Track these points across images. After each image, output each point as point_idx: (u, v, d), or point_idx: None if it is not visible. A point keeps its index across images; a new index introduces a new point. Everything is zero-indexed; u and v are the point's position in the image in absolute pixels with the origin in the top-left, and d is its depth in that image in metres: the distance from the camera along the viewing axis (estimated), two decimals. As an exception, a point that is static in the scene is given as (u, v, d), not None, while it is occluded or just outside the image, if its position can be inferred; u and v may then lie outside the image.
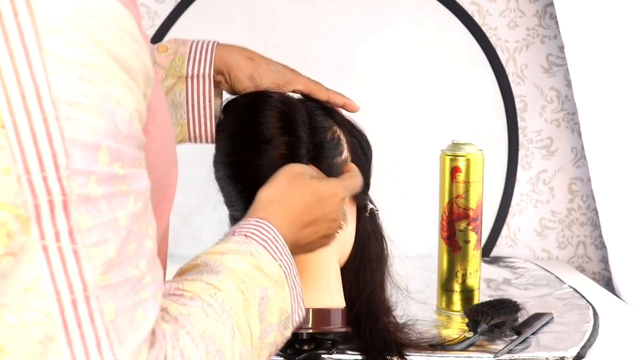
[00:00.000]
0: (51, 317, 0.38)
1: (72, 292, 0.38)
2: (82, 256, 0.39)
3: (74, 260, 0.38)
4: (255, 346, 0.52)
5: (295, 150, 0.71)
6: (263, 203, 0.61)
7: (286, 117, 0.73)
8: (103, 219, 0.39)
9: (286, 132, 0.72)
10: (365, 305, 0.79)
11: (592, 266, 1.32)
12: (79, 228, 0.38)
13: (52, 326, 0.38)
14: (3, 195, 0.36)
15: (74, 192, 0.38)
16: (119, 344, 0.40)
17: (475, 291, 0.97)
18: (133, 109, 0.41)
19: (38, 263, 0.38)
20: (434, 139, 1.13)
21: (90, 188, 0.38)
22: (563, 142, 1.30)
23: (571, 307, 0.98)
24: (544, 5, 1.27)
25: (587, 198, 1.30)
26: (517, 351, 0.82)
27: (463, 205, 0.94)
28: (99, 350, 0.39)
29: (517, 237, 1.32)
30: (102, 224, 0.39)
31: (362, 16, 1.28)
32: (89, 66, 0.38)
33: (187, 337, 0.46)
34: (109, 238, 0.40)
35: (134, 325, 0.41)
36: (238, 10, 1.28)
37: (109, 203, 0.39)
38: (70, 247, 0.38)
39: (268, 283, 0.54)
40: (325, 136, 0.74)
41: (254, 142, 0.71)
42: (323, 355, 0.78)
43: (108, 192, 0.39)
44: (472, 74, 1.28)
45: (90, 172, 0.38)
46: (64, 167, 0.37)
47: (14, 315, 0.38)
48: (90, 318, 0.39)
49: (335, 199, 0.64)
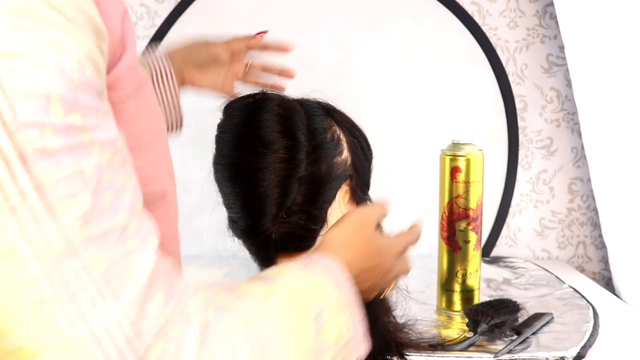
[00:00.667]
0: (35, 280, 0.36)
1: (53, 251, 0.36)
2: (56, 211, 0.36)
3: (48, 216, 0.36)
4: (308, 353, 0.49)
5: (294, 155, 0.71)
6: (331, 243, 0.62)
7: (285, 120, 0.73)
8: (68, 172, 0.37)
9: (285, 136, 0.72)
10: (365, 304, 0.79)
11: (592, 266, 1.32)
12: (45, 183, 0.36)
13: (38, 290, 0.36)
14: None
15: (29, 147, 0.36)
16: (114, 297, 0.38)
17: (475, 291, 0.97)
18: (82, 55, 0.39)
19: (8, 227, 0.36)
20: (434, 139, 1.13)
21: (46, 141, 0.36)
22: (563, 142, 1.30)
23: (571, 307, 0.98)
24: (544, 5, 1.27)
25: (587, 198, 1.30)
26: (517, 351, 0.82)
27: (463, 205, 0.94)
28: (94, 307, 0.37)
29: (517, 237, 1.32)
30: (68, 176, 0.37)
31: (362, 16, 1.28)
32: (18, 12, 0.36)
33: (228, 322, 0.43)
34: (78, 190, 0.37)
35: (127, 276, 0.39)
36: (238, 10, 1.28)
37: (72, 155, 0.37)
38: (40, 203, 0.36)
39: (326, 304, 0.52)
40: (325, 137, 0.74)
41: (252, 146, 0.71)
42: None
43: (68, 144, 0.37)
44: (472, 74, 1.28)
45: (43, 124, 0.36)
46: (11, 121, 0.35)
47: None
48: (76, 275, 0.37)
49: (390, 254, 0.66)
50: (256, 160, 0.71)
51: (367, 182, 0.80)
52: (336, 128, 0.76)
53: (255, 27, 1.28)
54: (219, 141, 0.76)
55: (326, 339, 0.50)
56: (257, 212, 0.71)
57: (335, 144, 0.74)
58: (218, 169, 0.75)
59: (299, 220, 0.72)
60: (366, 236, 0.64)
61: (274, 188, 0.70)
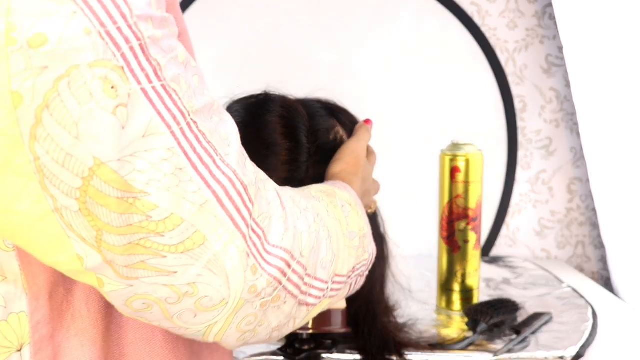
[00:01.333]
0: (173, 150, 0.42)
1: (178, 123, 0.42)
2: (170, 91, 0.42)
3: (167, 95, 0.42)
4: (346, 235, 0.58)
5: (296, 157, 0.72)
6: (340, 173, 0.70)
7: (287, 121, 0.73)
8: (169, 57, 0.43)
9: (287, 138, 0.72)
10: (364, 304, 0.80)
11: (591, 266, 1.32)
12: (160, 66, 0.42)
13: (177, 157, 0.42)
14: (94, 54, 0.39)
15: (145, 36, 0.41)
16: (225, 156, 0.45)
17: (474, 291, 0.97)
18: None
19: (145, 106, 0.41)
20: (434, 139, 1.13)
21: (153, 31, 0.41)
22: (562, 142, 1.30)
23: (570, 307, 0.99)
24: (543, 6, 1.28)
25: (586, 198, 1.31)
26: (516, 351, 0.82)
27: (463, 205, 0.94)
28: (217, 166, 0.44)
29: (516, 237, 1.32)
30: (170, 60, 0.43)
31: (362, 16, 1.28)
32: None
33: (289, 193, 0.53)
34: (179, 72, 0.43)
35: (225, 141, 0.46)
36: (238, 10, 1.28)
37: (169, 42, 0.43)
38: (159, 84, 0.41)
39: (344, 200, 0.61)
40: (328, 138, 0.74)
41: (254, 148, 0.72)
42: (323, 355, 0.79)
43: (164, 33, 0.43)
44: (472, 75, 1.29)
45: (148, 16, 0.41)
46: (130, 15, 0.40)
47: (144, 160, 0.41)
48: (198, 141, 0.43)
49: (370, 175, 0.77)
50: (258, 162, 0.71)
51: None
52: (339, 128, 0.76)
53: (255, 27, 1.29)
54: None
55: (352, 227, 0.59)
56: None
57: (338, 144, 0.74)
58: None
59: None
60: (360, 163, 0.73)
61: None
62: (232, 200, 0.45)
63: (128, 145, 0.40)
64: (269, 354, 0.80)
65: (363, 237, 0.61)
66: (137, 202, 0.41)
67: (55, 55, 0.38)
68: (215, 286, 0.45)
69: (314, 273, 0.53)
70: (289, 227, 0.50)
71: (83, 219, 0.41)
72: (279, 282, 0.49)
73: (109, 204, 0.41)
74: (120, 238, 0.42)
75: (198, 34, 1.28)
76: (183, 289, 0.44)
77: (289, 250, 0.49)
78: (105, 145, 0.39)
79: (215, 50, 1.28)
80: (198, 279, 0.44)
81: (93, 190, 0.40)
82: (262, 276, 0.47)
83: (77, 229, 0.41)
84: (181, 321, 0.47)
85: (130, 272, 0.43)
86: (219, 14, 1.28)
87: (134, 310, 0.46)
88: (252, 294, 0.47)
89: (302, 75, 1.27)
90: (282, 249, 0.49)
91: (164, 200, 0.42)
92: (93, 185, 0.40)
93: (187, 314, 0.46)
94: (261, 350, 0.82)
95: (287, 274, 0.49)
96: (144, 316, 0.46)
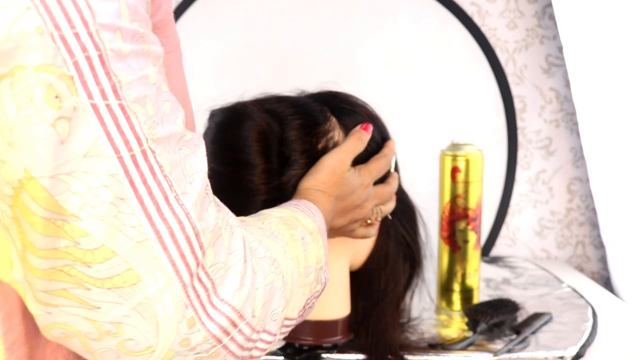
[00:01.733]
0: (117, 177, 0.38)
1: (130, 149, 0.39)
2: (129, 112, 0.38)
3: (124, 116, 0.38)
4: (302, 274, 0.54)
5: (269, 177, 0.70)
6: (307, 190, 0.66)
7: (258, 140, 0.70)
8: (137, 75, 0.39)
9: (264, 156, 0.70)
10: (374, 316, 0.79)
11: (591, 266, 1.32)
12: (121, 84, 0.38)
13: (119, 186, 0.38)
14: (43, 57, 0.36)
15: (107, 47, 0.37)
16: (182, 194, 0.41)
17: (474, 291, 0.97)
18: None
19: (92, 124, 0.37)
20: (434, 139, 1.13)
21: (119, 44, 0.38)
22: (562, 142, 1.30)
23: (570, 307, 0.99)
24: (543, 6, 1.28)
25: (586, 198, 1.31)
26: (516, 350, 0.82)
27: (462, 205, 0.94)
28: (168, 203, 0.40)
29: (516, 237, 1.32)
30: (137, 80, 0.39)
31: (362, 16, 1.28)
32: None
33: (250, 227, 0.50)
34: (146, 94, 0.40)
35: (187, 178, 0.42)
36: (238, 10, 1.28)
37: (137, 60, 0.39)
38: (117, 103, 0.38)
39: (305, 231, 0.57)
40: (316, 146, 0.71)
41: (225, 162, 0.71)
42: (323, 355, 0.79)
43: (134, 49, 0.39)
44: (472, 74, 1.29)
45: (116, 27, 0.38)
46: (92, 22, 0.37)
47: (81, 182, 0.37)
48: (152, 173, 0.40)
49: (361, 187, 0.70)
50: (230, 180, 0.70)
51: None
52: (334, 134, 0.73)
53: (255, 27, 1.29)
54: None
55: (310, 262, 0.55)
56: None
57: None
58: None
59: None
60: (338, 180, 0.67)
61: (246, 208, 0.69)
62: (178, 244, 0.41)
63: (65, 163, 0.37)
64: (268, 354, 0.80)
65: (319, 270, 0.57)
66: (66, 226, 0.38)
67: (1, 52, 0.35)
68: (142, 331, 0.41)
69: (263, 327, 0.48)
70: (245, 285, 0.45)
71: (15, 228, 0.38)
72: (219, 341, 0.44)
73: (34, 223, 0.38)
74: (42, 261, 0.38)
75: (198, 34, 1.29)
76: (106, 327, 0.41)
77: (238, 310, 0.44)
78: (38, 158, 0.36)
79: (215, 50, 1.28)
80: (124, 319, 0.40)
81: (21, 204, 0.37)
82: (199, 331, 0.43)
83: (12, 234, 0.39)
84: (103, 359, 0.42)
85: (50, 299, 0.40)
86: (219, 14, 1.28)
87: (53, 337, 0.42)
88: (185, 347, 0.43)
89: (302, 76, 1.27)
90: (230, 306, 0.44)
91: (96, 229, 0.38)
92: (21, 199, 0.37)
93: (110, 354, 0.42)
94: (261, 350, 0.81)
95: (231, 333, 0.45)
96: (65, 344, 0.43)
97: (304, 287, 0.55)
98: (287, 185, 0.70)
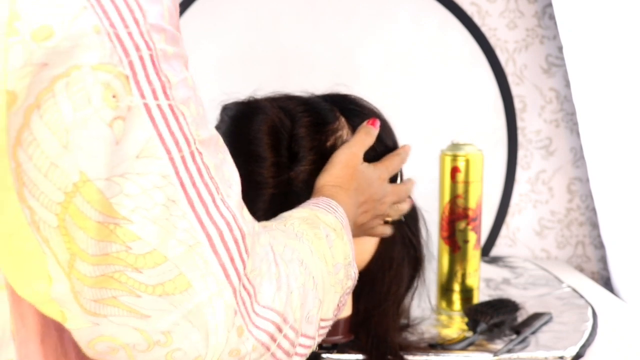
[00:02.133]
0: (169, 178, 0.37)
1: (180, 150, 0.38)
2: (178, 113, 0.38)
3: (173, 117, 0.38)
4: (332, 272, 0.53)
5: (279, 171, 0.70)
6: (323, 188, 0.64)
7: (269, 134, 0.71)
8: (180, 77, 0.39)
9: (274, 150, 0.70)
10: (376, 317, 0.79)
11: (591, 266, 1.32)
12: (170, 84, 0.38)
13: (171, 187, 0.37)
14: (100, 56, 0.35)
15: (157, 47, 0.37)
16: (227, 197, 0.40)
17: (474, 291, 0.97)
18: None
19: (145, 124, 0.36)
20: (434, 139, 1.13)
21: (165, 45, 0.38)
22: (562, 142, 1.30)
23: (570, 307, 0.99)
24: (543, 6, 1.28)
25: (586, 198, 1.31)
26: (516, 350, 0.82)
27: (462, 205, 0.94)
28: (215, 205, 0.39)
29: (516, 237, 1.32)
30: (181, 81, 0.39)
31: (362, 16, 1.28)
32: None
33: (274, 232, 0.49)
34: (189, 96, 0.39)
35: (226, 181, 0.41)
36: (238, 10, 1.28)
37: (178, 62, 0.39)
38: (166, 103, 0.37)
39: (328, 228, 0.55)
40: (325, 144, 0.72)
41: (245, 157, 0.71)
42: (323, 355, 0.79)
43: (175, 51, 0.39)
44: (472, 74, 1.29)
45: (162, 28, 0.38)
46: (143, 21, 0.36)
47: (134, 184, 0.36)
48: (199, 174, 0.39)
49: (379, 181, 0.69)
50: (240, 172, 0.70)
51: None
52: (343, 133, 0.74)
53: (255, 27, 1.29)
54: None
55: (337, 258, 0.54)
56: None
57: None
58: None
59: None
60: (353, 173, 0.66)
61: (255, 201, 0.68)
62: (227, 247, 0.40)
63: (119, 164, 0.36)
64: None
65: (348, 266, 0.56)
66: (117, 229, 0.37)
67: (58, 51, 0.34)
68: (192, 340, 0.40)
69: (301, 331, 0.47)
70: (282, 287, 0.44)
71: (60, 238, 0.36)
72: (267, 349, 0.43)
73: (88, 228, 0.36)
74: (94, 268, 0.37)
75: (198, 34, 1.29)
76: (155, 337, 0.39)
77: (281, 313, 0.44)
78: (95, 160, 0.35)
79: (216, 50, 1.28)
80: (174, 328, 0.39)
81: (74, 209, 0.36)
82: (248, 339, 0.42)
83: (53, 247, 0.37)
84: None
85: (99, 308, 0.38)
86: (219, 13, 1.28)
87: (96, 352, 0.40)
88: (234, 356, 0.41)
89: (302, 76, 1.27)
90: (274, 311, 0.43)
91: (148, 232, 0.37)
92: (74, 204, 0.36)
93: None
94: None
95: (278, 339, 0.44)
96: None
97: (335, 285, 0.54)
98: (295, 181, 0.70)
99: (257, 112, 0.72)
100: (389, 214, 0.72)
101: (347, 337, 0.78)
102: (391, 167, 0.73)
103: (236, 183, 0.43)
